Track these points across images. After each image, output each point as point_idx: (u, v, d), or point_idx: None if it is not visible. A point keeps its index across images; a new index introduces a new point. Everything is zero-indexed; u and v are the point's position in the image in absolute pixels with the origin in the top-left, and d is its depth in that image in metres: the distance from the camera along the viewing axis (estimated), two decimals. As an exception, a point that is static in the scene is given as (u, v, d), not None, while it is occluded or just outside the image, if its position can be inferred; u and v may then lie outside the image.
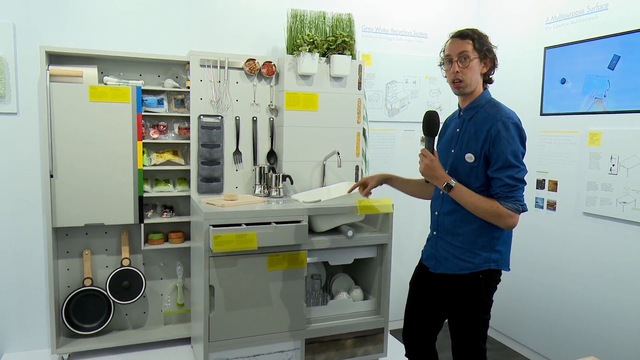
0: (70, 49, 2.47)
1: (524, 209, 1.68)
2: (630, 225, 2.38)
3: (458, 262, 1.76)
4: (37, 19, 2.54)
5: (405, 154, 3.32)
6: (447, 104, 3.35)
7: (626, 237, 2.40)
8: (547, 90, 2.84)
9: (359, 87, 2.86)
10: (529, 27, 2.97)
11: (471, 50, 1.70)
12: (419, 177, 2.13)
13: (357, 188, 2.13)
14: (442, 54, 1.79)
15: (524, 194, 1.69)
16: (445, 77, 1.80)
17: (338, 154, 2.70)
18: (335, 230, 2.56)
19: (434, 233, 1.87)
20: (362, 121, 2.91)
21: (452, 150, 1.79)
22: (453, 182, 1.71)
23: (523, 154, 1.69)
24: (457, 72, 1.71)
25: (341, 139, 2.84)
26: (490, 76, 1.78)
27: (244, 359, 2.34)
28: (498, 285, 1.82)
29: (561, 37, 2.75)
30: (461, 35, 1.72)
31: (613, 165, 2.45)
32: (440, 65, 1.81)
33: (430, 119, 1.76)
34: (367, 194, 2.11)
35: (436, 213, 1.86)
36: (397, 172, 3.21)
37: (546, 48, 2.84)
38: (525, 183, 1.68)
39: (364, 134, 2.94)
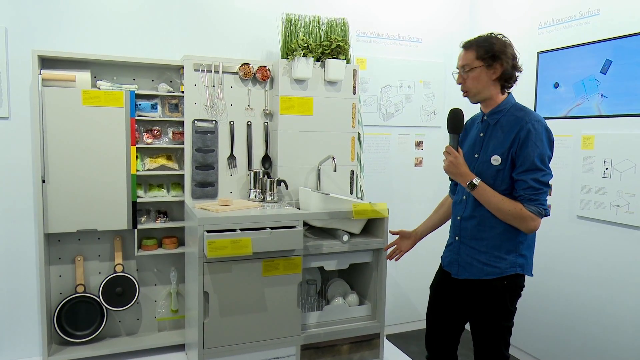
0: (62, 53, 2.45)
1: (547, 214, 1.67)
2: (624, 229, 2.39)
3: (483, 267, 1.75)
4: (29, 22, 2.51)
5: (400, 158, 3.33)
6: (441, 109, 3.36)
7: (620, 240, 2.41)
8: (540, 94, 2.85)
9: (354, 92, 2.86)
10: (522, 32, 2.99)
11: (473, 59, 1.72)
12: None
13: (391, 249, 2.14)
14: None
15: (547, 198, 1.69)
16: None
17: (333, 158, 2.70)
18: (331, 235, 2.55)
19: (456, 238, 1.85)
20: (357, 125, 2.91)
21: (476, 155, 1.79)
22: (477, 180, 1.70)
23: (550, 158, 1.69)
24: (461, 83, 1.77)
25: (336, 144, 2.84)
26: (508, 80, 1.76)
27: (239, 365, 2.32)
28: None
29: (554, 42, 2.77)
30: (465, 46, 1.77)
31: (606, 168, 2.46)
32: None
33: (455, 116, 1.77)
34: (398, 258, 2.13)
35: (458, 218, 1.84)
36: (391, 176, 3.28)
37: (539, 53, 2.86)
38: (549, 187, 1.69)
39: (358, 139, 2.93)
